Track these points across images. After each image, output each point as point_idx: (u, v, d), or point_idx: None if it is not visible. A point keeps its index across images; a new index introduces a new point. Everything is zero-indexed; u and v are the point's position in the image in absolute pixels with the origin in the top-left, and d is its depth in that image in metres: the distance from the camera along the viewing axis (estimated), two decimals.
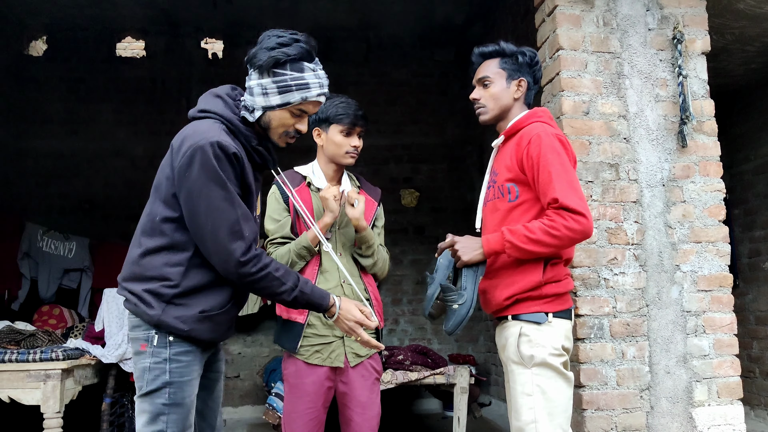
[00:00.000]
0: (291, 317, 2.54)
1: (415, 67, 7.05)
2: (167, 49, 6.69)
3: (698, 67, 3.41)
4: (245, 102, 2.01)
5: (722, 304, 3.25)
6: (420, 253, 6.86)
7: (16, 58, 6.49)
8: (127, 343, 4.41)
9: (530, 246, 2.17)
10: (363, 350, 2.57)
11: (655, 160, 3.31)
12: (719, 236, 3.30)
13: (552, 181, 2.18)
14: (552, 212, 2.18)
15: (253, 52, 1.98)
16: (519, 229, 2.20)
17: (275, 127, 2.03)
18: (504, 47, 2.44)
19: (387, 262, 2.75)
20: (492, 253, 2.25)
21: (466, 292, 2.26)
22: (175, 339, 1.92)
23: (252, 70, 1.99)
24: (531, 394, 2.22)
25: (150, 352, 1.91)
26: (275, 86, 1.97)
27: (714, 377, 3.19)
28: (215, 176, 1.86)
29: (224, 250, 1.88)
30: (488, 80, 2.43)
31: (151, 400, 1.90)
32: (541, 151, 2.22)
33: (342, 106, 2.64)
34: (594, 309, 3.15)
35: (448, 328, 2.28)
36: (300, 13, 6.20)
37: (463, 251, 2.28)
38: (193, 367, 1.95)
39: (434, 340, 6.79)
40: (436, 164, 7.00)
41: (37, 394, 3.82)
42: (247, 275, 1.90)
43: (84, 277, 5.81)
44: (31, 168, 6.48)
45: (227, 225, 1.87)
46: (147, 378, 1.91)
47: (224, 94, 2.04)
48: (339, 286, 2.57)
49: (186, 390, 1.93)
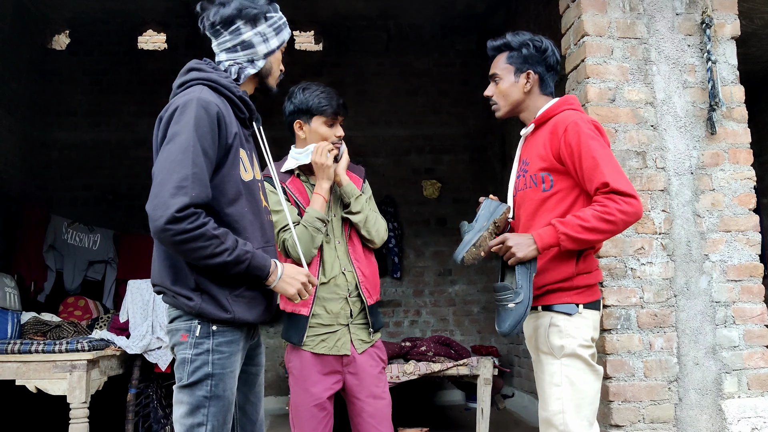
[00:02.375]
0: (296, 310, 2.52)
1: (436, 56, 7.00)
2: (188, 41, 6.71)
3: (728, 52, 3.33)
4: (233, 62, 2.00)
5: (753, 294, 3.19)
6: (442, 244, 6.83)
7: (39, 52, 6.56)
8: (151, 334, 4.45)
9: (586, 235, 2.12)
10: (366, 336, 2.57)
11: (684, 147, 3.24)
12: (749, 225, 3.23)
13: (599, 165, 2.13)
14: (602, 197, 2.13)
15: (232, 10, 1.96)
16: (571, 220, 2.15)
17: (275, 69, 2.09)
18: (510, 40, 2.40)
19: (382, 224, 2.67)
20: (546, 247, 2.17)
21: (522, 290, 2.17)
22: (218, 328, 1.87)
23: (242, 23, 1.98)
24: (559, 384, 2.19)
25: (191, 343, 1.87)
26: (271, 29, 2.02)
27: (744, 369, 3.12)
28: (186, 125, 1.80)
29: (162, 204, 1.73)
30: (497, 77, 2.41)
31: (191, 391, 1.85)
32: (580, 138, 2.17)
33: (323, 97, 2.57)
34: (621, 299, 3.10)
35: (504, 329, 2.19)
36: (319, 3, 6.18)
37: (517, 248, 2.17)
38: (234, 358, 1.91)
39: (457, 331, 6.77)
40: (457, 155, 6.96)
41: (63, 385, 3.85)
42: (180, 232, 1.73)
43: (108, 269, 5.87)
44: (56, 160, 6.55)
45: (176, 178, 1.75)
46: (188, 369, 1.86)
47: (194, 65, 2.01)
48: (341, 275, 2.55)
49: (227, 382, 1.88)
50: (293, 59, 6.45)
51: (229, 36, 2.00)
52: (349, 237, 2.62)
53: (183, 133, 1.81)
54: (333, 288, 2.53)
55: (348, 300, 2.54)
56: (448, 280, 6.85)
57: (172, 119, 1.85)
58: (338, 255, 2.56)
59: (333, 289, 2.53)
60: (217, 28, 2.00)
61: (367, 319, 2.58)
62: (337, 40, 6.90)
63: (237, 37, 2.00)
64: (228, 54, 2.02)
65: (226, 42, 2.01)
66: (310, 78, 6.63)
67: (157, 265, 1.93)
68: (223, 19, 1.98)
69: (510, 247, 2.19)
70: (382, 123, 6.91)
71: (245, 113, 2.03)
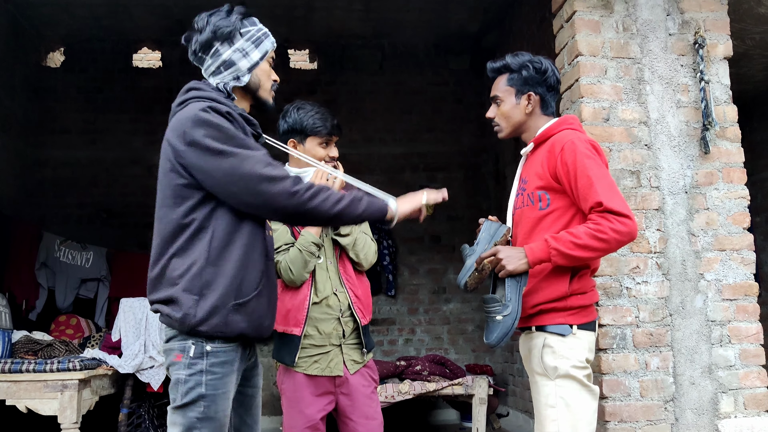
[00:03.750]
0: (288, 330, 2.51)
1: (430, 75, 7.03)
2: (183, 59, 6.70)
3: (720, 72, 3.36)
4: (221, 82, 2.04)
5: (748, 313, 3.19)
6: (436, 262, 6.82)
7: (34, 70, 6.55)
8: (143, 353, 4.41)
9: (577, 252, 2.11)
10: (358, 356, 2.56)
11: (678, 166, 3.26)
12: (744, 244, 3.24)
13: (593, 185, 2.14)
14: (596, 216, 2.13)
15: (208, 34, 2.01)
16: (563, 236, 2.14)
17: (264, 81, 2.09)
18: (510, 62, 2.40)
19: (371, 247, 2.68)
20: (537, 261, 2.17)
21: (510, 303, 2.18)
22: (213, 348, 1.86)
23: (219, 44, 2.01)
24: (554, 406, 2.18)
25: (185, 363, 1.85)
26: (250, 42, 2.04)
27: (740, 388, 3.12)
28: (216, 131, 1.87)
29: (270, 181, 1.85)
30: (499, 99, 2.42)
31: (184, 413, 1.83)
32: (576, 157, 2.18)
33: (318, 117, 2.58)
34: (616, 319, 3.09)
35: (491, 341, 2.19)
36: (314, 22, 6.21)
37: (508, 261, 2.18)
38: (228, 379, 1.88)
39: (451, 350, 6.73)
40: (451, 173, 6.96)
41: (54, 405, 3.81)
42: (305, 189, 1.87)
43: (101, 287, 5.83)
44: (49, 178, 6.52)
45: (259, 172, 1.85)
46: (181, 390, 1.84)
47: (193, 84, 2.05)
48: (332, 295, 2.54)
49: (220, 404, 1.86)
50: (288, 77, 6.46)
51: (211, 60, 2.04)
52: (340, 257, 2.62)
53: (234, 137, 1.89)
54: (325, 308, 2.52)
55: (340, 320, 2.53)
56: (442, 298, 6.83)
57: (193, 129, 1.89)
58: (329, 276, 2.56)
59: (325, 309, 2.52)
60: (200, 55, 2.05)
61: (360, 340, 2.57)
62: (331, 58, 6.93)
63: (218, 58, 2.03)
64: (215, 77, 2.05)
65: (210, 66, 2.05)
66: (304, 96, 6.63)
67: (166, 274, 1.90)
68: (202, 44, 2.02)
69: (501, 259, 2.19)
70: (377, 141, 6.92)
71: (248, 129, 2.04)
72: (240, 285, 1.88)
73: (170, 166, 1.92)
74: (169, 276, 1.87)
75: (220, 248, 1.87)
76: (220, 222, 1.89)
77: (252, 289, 1.91)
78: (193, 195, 1.89)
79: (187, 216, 1.88)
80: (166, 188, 1.93)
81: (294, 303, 2.52)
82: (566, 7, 3.40)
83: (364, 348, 2.58)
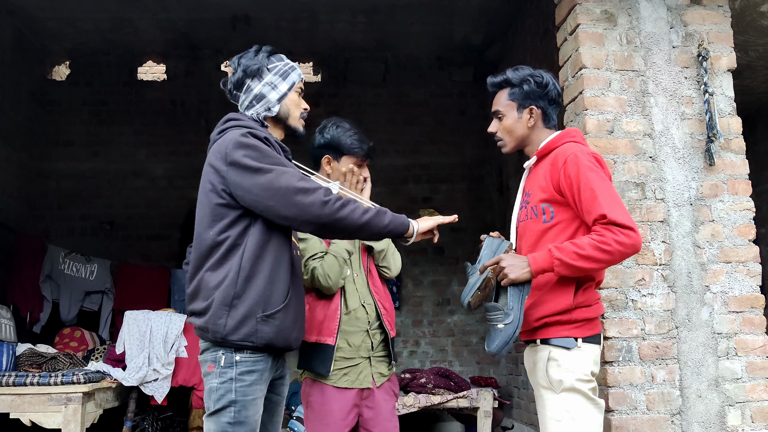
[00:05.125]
0: (321, 339, 2.50)
1: (433, 87, 7.05)
2: (187, 71, 6.76)
3: (724, 84, 3.36)
4: (255, 113, 2.22)
5: (754, 325, 3.17)
6: (440, 273, 6.81)
7: (39, 83, 6.59)
8: (147, 365, 4.41)
9: (580, 262, 2.11)
10: (384, 369, 2.59)
11: (682, 178, 3.26)
12: (749, 256, 3.23)
13: (597, 197, 2.14)
14: (600, 227, 2.13)
15: (239, 73, 2.21)
16: (567, 246, 2.14)
17: (293, 110, 2.27)
18: (510, 77, 2.41)
19: (398, 257, 2.79)
20: (540, 271, 2.17)
21: (512, 311, 2.18)
22: (242, 358, 2.00)
23: (249, 81, 2.21)
24: (560, 419, 2.17)
25: (217, 373, 2.00)
26: (278, 76, 2.23)
27: (747, 401, 3.10)
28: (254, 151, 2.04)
29: (301, 203, 2.00)
30: (500, 113, 2.44)
31: (217, 419, 1.98)
32: (579, 170, 2.18)
33: (355, 139, 2.63)
34: (622, 331, 3.08)
35: (492, 349, 2.20)
36: (318, 34, 6.24)
37: (510, 269, 2.18)
38: (257, 386, 2.03)
39: (455, 362, 6.71)
40: (454, 184, 6.97)
41: (58, 418, 3.80)
42: (335, 200, 2.03)
43: (105, 300, 5.83)
44: (54, 190, 6.54)
45: (294, 185, 2.01)
46: (213, 397, 2.00)
47: (231, 115, 2.22)
48: (360, 307, 2.56)
49: (250, 409, 2.00)
50: None
51: (244, 95, 2.23)
52: (368, 270, 2.66)
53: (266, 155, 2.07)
54: (354, 321, 2.54)
55: (369, 332, 2.55)
56: (446, 310, 6.82)
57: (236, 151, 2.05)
58: (357, 287, 2.59)
59: (354, 321, 2.54)
60: (234, 93, 2.25)
61: (388, 352, 2.60)
62: (335, 71, 6.96)
63: (250, 93, 2.22)
64: (249, 110, 2.24)
65: (244, 101, 2.24)
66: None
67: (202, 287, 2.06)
68: (235, 83, 2.24)
69: (503, 267, 2.19)
70: (380, 152, 6.92)
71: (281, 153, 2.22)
72: (269, 297, 2.04)
73: (210, 187, 2.08)
74: (204, 288, 2.04)
75: (251, 263, 2.03)
76: (252, 239, 2.05)
77: (280, 302, 2.06)
78: (229, 214, 2.05)
79: (221, 233, 2.05)
80: (205, 207, 2.09)
81: (326, 313, 2.53)
82: (570, 20, 3.41)
83: (393, 361, 2.62)
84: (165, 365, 4.44)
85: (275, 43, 2.36)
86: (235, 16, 5.78)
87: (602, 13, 3.33)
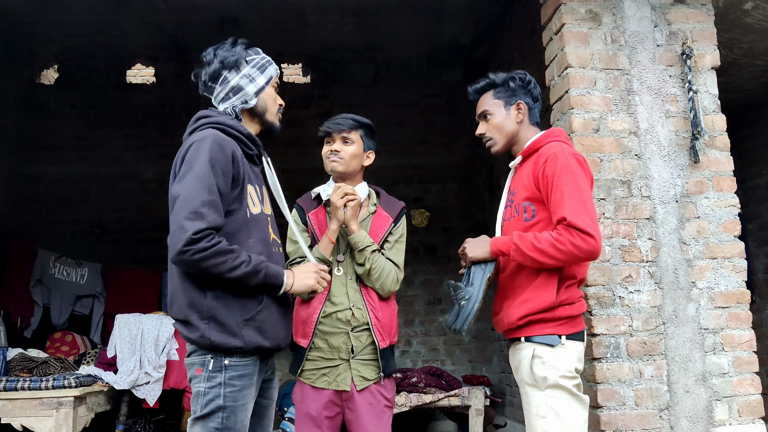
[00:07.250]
0: (297, 341, 2.55)
1: (422, 87, 7.06)
2: (176, 74, 6.74)
3: (708, 82, 3.40)
4: (230, 106, 2.18)
5: (740, 320, 3.20)
6: (431, 273, 6.82)
7: (27, 87, 6.56)
8: (139, 369, 4.40)
9: (534, 253, 2.19)
10: (370, 373, 2.54)
11: (668, 176, 3.28)
12: (735, 252, 3.26)
13: (563, 200, 2.19)
14: (562, 228, 2.19)
15: (216, 64, 2.16)
16: (528, 236, 2.23)
17: (270, 105, 2.25)
18: (494, 78, 2.49)
19: (390, 276, 2.57)
20: (497, 252, 2.29)
21: (473, 287, 2.29)
22: (231, 362, 1.96)
23: (227, 72, 2.16)
24: (545, 416, 2.20)
25: (205, 377, 1.96)
26: (255, 69, 2.19)
27: (734, 396, 3.13)
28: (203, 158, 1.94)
29: (180, 228, 1.87)
30: (488, 113, 2.48)
31: (204, 424, 1.94)
32: (556, 170, 2.22)
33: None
34: (610, 328, 3.10)
35: (456, 326, 2.30)
36: (306, 35, 6.25)
37: (470, 248, 2.36)
38: (247, 391, 1.99)
39: (447, 361, 6.73)
40: (446, 184, 6.99)
41: (49, 422, 3.80)
42: (199, 250, 1.86)
43: (96, 303, 5.81)
44: (43, 194, 6.51)
45: (193, 204, 1.89)
46: (201, 402, 1.95)
47: (202, 113, 2.17)
48: (348, 310, 2.55)
49: (239, 415, 1.96)
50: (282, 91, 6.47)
51: (220, 87, 2.18)
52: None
53: (198, 165, 1.95)
54: (335, 322, 2.53)
55: (350, 335, 2.53)
56: (438, 309, 6.83)
57: (188, 154, 1.99)
58: (347, 291, 2.56)
59: (335, 323, 2.53)
60: (209, 85, 2.20)
61: (376, 358, 2.55)
62: (324, 72, 6.96)
63: (226, 85, 2.17)
64: (224, 103, 2.20)
65: (220, 93, 2.19)
66: (298, 110, 6.68)
67: (176, 299, 2.01)
68: (211, 75, 2.17)
69: (465, 247, 2.36)
70: None
71: (253, 150, 2.18)
72: (244, 303, 1.99)
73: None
74: (179, 300, 1.99)
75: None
76: None
77: (255, 304, 2.01)
78: None
79: None
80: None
81: (307, 315, 2.55)
82: (555, 20, 3.44)
83: (381, 372, 2.54)
84: (156, 368, 4.44)
85: (264, 45, 2.33)
86: (223, 19, 5.77)
87: (587, 13, 3.36)
